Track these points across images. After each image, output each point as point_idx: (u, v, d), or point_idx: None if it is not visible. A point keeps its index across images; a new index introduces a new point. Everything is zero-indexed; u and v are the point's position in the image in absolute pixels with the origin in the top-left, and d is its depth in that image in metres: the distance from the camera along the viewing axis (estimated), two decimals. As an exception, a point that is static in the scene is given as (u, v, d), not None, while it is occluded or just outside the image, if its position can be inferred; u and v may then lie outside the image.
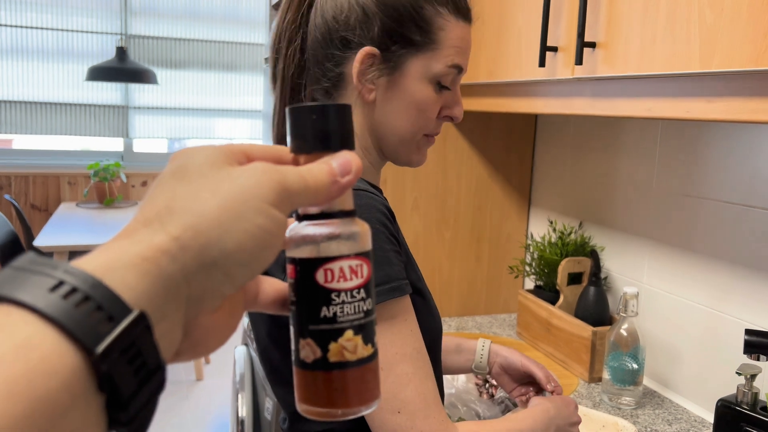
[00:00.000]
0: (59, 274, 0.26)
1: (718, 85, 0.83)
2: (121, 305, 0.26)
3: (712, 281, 1.25)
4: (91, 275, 0.26)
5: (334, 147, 0.36)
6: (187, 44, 4.34)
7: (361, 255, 0.36)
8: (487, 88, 1.43)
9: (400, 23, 0.80)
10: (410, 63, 0.81)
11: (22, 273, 0.26)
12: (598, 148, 1.56)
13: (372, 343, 0.37)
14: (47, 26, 4.03)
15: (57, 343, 0.24)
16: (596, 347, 1.35)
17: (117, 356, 0.26)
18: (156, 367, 0.28)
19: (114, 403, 0.26)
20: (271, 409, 1.55)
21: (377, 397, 0.38)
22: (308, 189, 0.33)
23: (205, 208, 0.30)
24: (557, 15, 1.12)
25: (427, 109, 0.83)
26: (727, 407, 1.02)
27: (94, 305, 0.26)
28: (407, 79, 0.82)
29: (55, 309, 0.25)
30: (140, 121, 4.31)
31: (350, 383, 0.36)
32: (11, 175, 4.01)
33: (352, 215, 0.37)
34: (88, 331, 0.25)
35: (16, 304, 0.25)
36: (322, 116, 0.36)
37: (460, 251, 1.75)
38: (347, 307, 0.36)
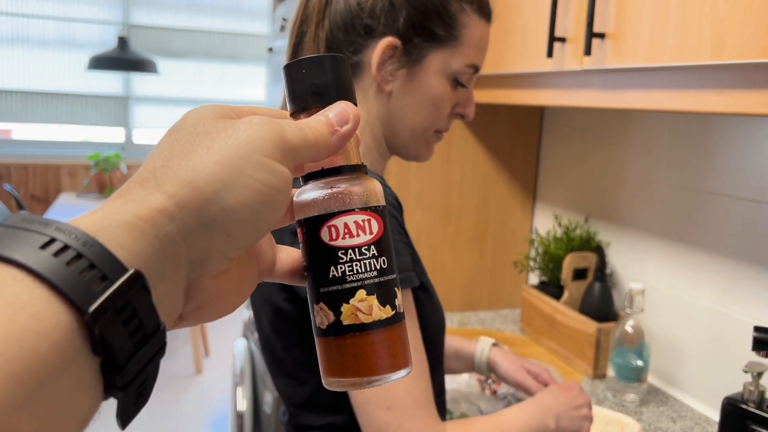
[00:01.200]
0: (51, 232, 0.25)
1: (729, 77, 0.81)
2: (115, 264, 0.25)
3: (719, 278, 1.23)
4: (84, 232, 0.25)
5: (331, 99, 0.35)
6: (189, 34, 4.31)
7: (367, 209, 0.34)
8: (493, 79, 1.41)
9: (425, 16, 0.79)
10: (431, 57, 0.80)
11: (13, 231, 0.25)
12: (604, 142, 1.54)
13: (392, 305, 0.35)
14: (48, 15, 4.00)
15: (47, 302, 0.23)
16: (601, 343, 1.33)
17: (111, 317, 0.24)
18: (154, 329, 0.26)
19: (109, 366, 0.25)
20: (271, 402, 1.54)
21: (405, 365, 0.35)
22: (308, 142, 0.32)
23: (202, 164, 0.29)
24: (565, 4, 1.10)
25: (442, 105, 0.83)
26: (733, 405, 1.01)
27: (87, 263, 0.24)
28: (426, 74, 0.81)
29: (46, 266, 0.24)
30: (141, 112, 4.29)
31: (369, 348, 0.34)
32: (11, 165, 4.00)
33: (359, 170, 0.35)
34: (79, 290, 0.24)
35: (5, 262, 0.24)
36: (315, 69, 0.35)
37: (463, 246, 1.73)
38: (356, 265, 0.34)
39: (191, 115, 0.31)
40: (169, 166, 0.29)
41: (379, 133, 0.85)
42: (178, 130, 0.31)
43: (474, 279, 1.76)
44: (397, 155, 0.89)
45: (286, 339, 0.80)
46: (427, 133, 0.85)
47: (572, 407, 0.89)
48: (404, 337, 0.35)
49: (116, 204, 0.28)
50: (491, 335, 1.55)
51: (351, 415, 0.79)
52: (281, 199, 0.31)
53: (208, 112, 0.31)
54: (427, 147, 0.87)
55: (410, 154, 0.87)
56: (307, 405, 0.81)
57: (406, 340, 0.36)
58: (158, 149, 0.30)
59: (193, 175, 0.28)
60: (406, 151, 0.87)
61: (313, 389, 0.80)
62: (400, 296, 0.36)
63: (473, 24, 0.82)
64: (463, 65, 0.82)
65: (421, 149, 0.87)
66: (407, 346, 0.35)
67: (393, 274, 0.35)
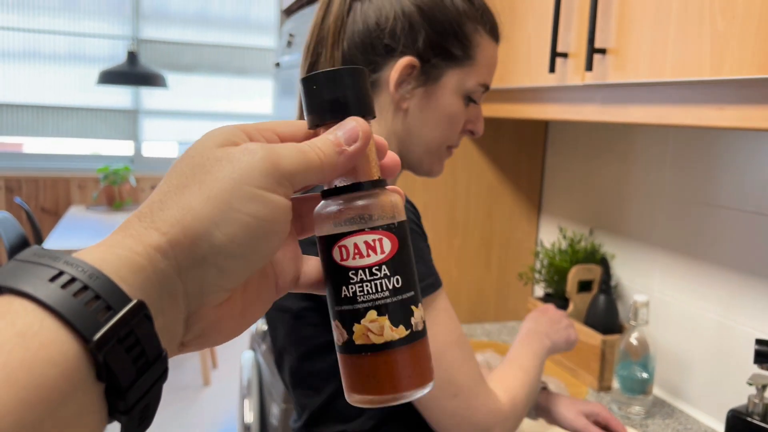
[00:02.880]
0: (59, 265, 0.26)
1: (729, 92, 0.82)
2: (119, 295, 0.26)
3: (723, 290, 1.23)
4: (90, 265, 0.27)
5: (349, 114, 0.34)
6: (197, 48, 4.36)
7: (378, 228, 0.33)
8: (497, 93, 1.42)
9: (443, 37, 0.81)
10: (447, 76, 0.83)
11: (25, 265, 0.27)
12: (608, 155, 1.55)
13: (406, 324, 0.34)
14: (59, 30, 4.06)
15: (56, 331, 0.25)
16: (606, 356, 1.33)
17: (114, 345, 0.26)
18: (156, 356, 0.28)
19: (113, 391, 0.26)
20: (278, 414, 1.55)
21: (423, 384, 0.34)
22: (310, 164, 0.31)
23: (193, 201, 0.29)
24: (567, 21, 1.12)
25: (457, 122, 0.86)
26: (738, 418, 1.01)
27: (92, 294, 0.26)
28: (443, 92, 0.84)
29: (54, 298, 0.25)
30: (150, 125, 4.33)
31: (382, 368, 0.33)
32: (22, 179, 4.04)
33: (376, 186, 0.35)
34: (85, 320, 0.25)
35: (18, 294, 0.25)
36: (333, 82, 0.34)
37: (469, 258, 1.74)
38: (366, 285, 0.33)
39: (198, 143, 0.31)
40: (165, 202, 0.30)
41: (394, 149, 0.87)
42: (181, 161, 0.31)
43: (480, 291, 1.77)
44: (409, 170, 0.90)
45: (304, 348, 0.82)
46: (441, 149, 0.88)
47: (554, 323, 1.00)
48: (422, 355, 0.35)
49: (117, 238, 0.29)
50: (497, 347, 1.56)
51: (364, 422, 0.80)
52: (276, 228, 0.30)
53: (215, 138, 0.31)
54: (439, 162, 0.90)
55: (423, 170, 0.90)
56: (321, 413, 0.82)
57: (424, 358, 0.35)
58: (163, 181, 0.31)
59: (183, 213, 0.29)
60: (420, 166, 0.89)
61: (328, 398, 0.81)
62: (420, 313, 0.35)
63: (485, 44, 0.85)
64: (477, 83, 0.85)
65: (434, 165, 0.89)
66: (426, 363, 0.35)
67: (409, 291, 0.34)
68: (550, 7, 1.14)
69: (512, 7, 1.30)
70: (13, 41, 3.98)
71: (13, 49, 3.99)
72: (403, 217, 0.35)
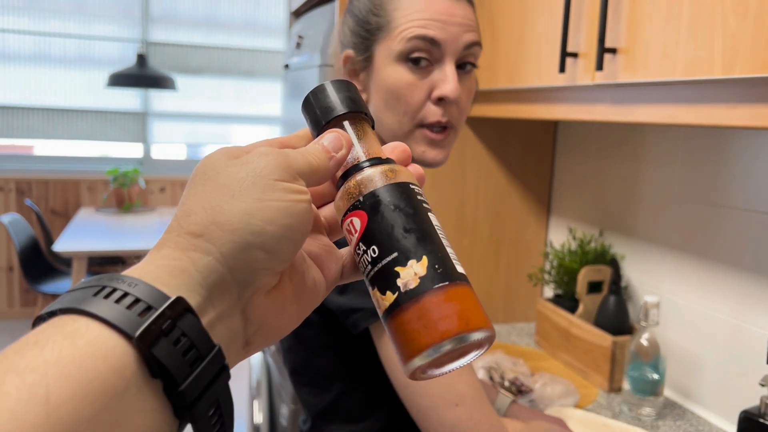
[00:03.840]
0: (103, 282, 0.29)
1: (741, 91, 0.82)
2: (159, 295, 0.28)
3: (735, 290, 1.22)
4: (129, 277, 0.29)
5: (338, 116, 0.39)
6: (206, 51, 4.38)
7: (346, 213, 0.37)
8: (507, 94, 1.42)
9: (361, 17, 0.83)
10: (376, 51, 0.82)
11: (73, 292, 0.29)
12: (618, 155, 1.55)
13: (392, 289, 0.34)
14: (69, 34, 4.09)
15: (102, 332, 0.26)
16: (616, 357, 1.33)
17: (159, 338, 0.27)
18: (208, 350, 0.28)
19: (171, 388, 0.27)
20: (287, 415, 1.55)
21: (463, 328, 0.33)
22: (312, 167, 0.35)
23: (218, 202, 0.31)
24: (577, 21, 1.11)
25: (403, 92, 0.80)
26: (750, 419, 1.00)
27: (133, 299, 0.28)
28: (378, 68, 0.82)
29: (97, 307, 0.27)
30: (159, 127, 4.35)
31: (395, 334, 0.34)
32: (32, 181, 4.07)
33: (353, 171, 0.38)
34: (128, 321, 0.27)
35: (66, 311, 0.27)
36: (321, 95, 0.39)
37: (478, 259, 1.74)
38: (361, 265, 0.36)
39: (203, 163, 0.34)
40: (189, 211, 0.32)
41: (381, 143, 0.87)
42: (192, 179, 0.34)
43: (489, 292, 1.77)
44: None
45: (309, 347, 0.82)
46: (404, 127, 0.82)
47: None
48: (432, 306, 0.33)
49: (153, 254, 0.31)
50: (507, 348, 1.55)
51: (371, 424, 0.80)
52: (304, 207, 0.33)
53: (220, 155, 0.34)
54: (418, 145, 0.83)
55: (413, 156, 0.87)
56: (328, 413, 0.82)
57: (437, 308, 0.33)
58: (182, 201, 0.33)
59: (212, 214, 0.31)
60: None
61: (335, 398, 0.81)
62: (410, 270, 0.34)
63: (406, 3, 0.80)
64: (404, 42, 0.79)
65: (414, 148, 0.83)
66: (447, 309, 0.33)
67: (390, 254, 0.34)
68: (560, 7, 1.14)
69: (522, 7, 1.30)
70: (24, 44, 4.02)
71: (24, 52, 4.02)
72: (370, 189, 0.36)
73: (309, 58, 1.76)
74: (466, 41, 0.81)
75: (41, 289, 3.13)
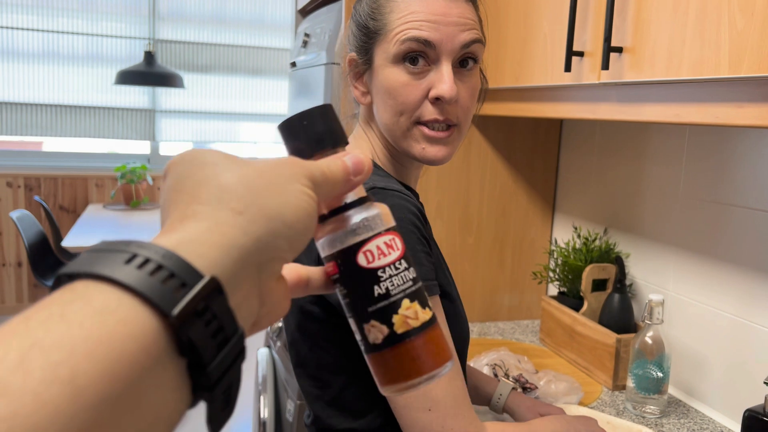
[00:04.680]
0: (133, 249, 0.27)
1: (748, 90, 0.82)
2: (192, 272, 0.27)
3: (739, 289, 1.23)
4: (162, 248, 0.28)
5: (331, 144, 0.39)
6: (214, 49, 4.39)
7: (390, 230, 0.39)
8: (513, 92, 1.42)
9: (363, 22, 0.86)
10: (375, 54, 0.85)
11: (98, 253, 0.27)
12: (623, 154, 1.55)
13: (429, 307, 0.39)
14: (77, 31, 4.11)
15: (134, 308, 0.25)
16: (620, 354, 1.33)
17: (193, 319, 0.26)
18: (233, 331, 0.28)
19: (196, 367, 0.27)
20: (293, 410, 1.56)
21: (450, 357, 0.39)
22: (328, 181, 0.35)
23: (260, 188, 0.32)
24: (583, 20, 1.12)
25: (399, 92, 0.82)
26: (755, 418, 1.00)
27: (167, 273, 0.27)
28: (378, 70, 0.84)
29: (130, 278, 0.26)
30: (167, 125, 4.37)
31: (422, 348, 0.38)
32: (41, 177, 4.10)
33: (368, 200, 0.39)
34: (163, 297, 0.26)
35: (94, 278, 0.26)
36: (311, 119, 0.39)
37: (483, 256, 1.74)
38: (396, 279, 0.38)
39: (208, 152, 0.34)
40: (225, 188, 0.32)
41: (384, 144, 0.89)
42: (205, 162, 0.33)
43: (494, 290, 1.77)
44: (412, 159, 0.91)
45: (312, 341, 0.82)
46: (402, 126, 0.83)
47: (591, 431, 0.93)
48: (443, 334, 0.40)
49: (186, 224, 0.30)
50: (511, 346, 1.56)
51: (373, 419, 0.81)
52: (315, 215, 0.34)
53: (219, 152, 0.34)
54: (417, 143, 0.84)
55: (411, 154, 0.86)
56: (331, 407, 0.83)
57: (444, 336, 0.39)
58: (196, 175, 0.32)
59: (255, 197, 0.32)
60: (405, 152, 0.86)
61: (337, 392, 0.82)
62: None
63: (399, 5, 0.82)
64: (398, 44, 0.81)
65: (411, 147, 0.84)
66: (446, 341, 0.39)
67: (420, 282, 0.40)
68: (566, 6, 1.14)
69: (528, 6, 1.30)
70: (33, 42, 4.04)
71: (33, 49, 4.05)
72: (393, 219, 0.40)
73: (316, 57, 1.77)
74: (463, 40, 0.82)
75: (50, 284, 3.15)
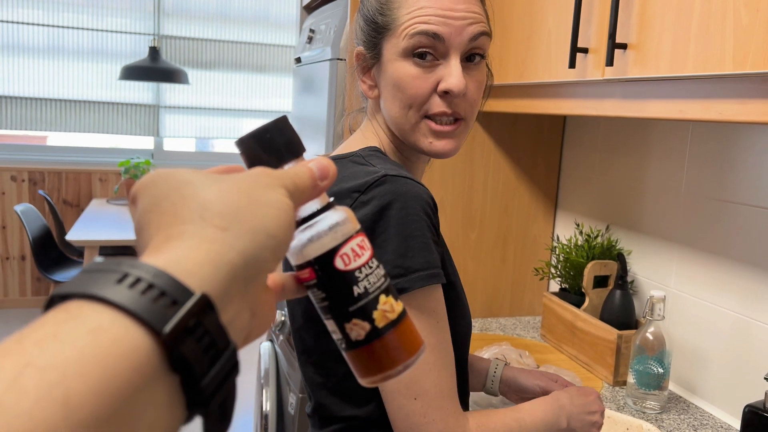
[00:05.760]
0: (124, 268, 0.28)
1: (752, 86, 0.83)
2: (183, 290, 0.28)
3: (741, 286, 1.23)
4: (153, 266, 0.28)
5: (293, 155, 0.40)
6: (218, 45, 4.40)
7: (358, 232, 0.41)
8: (516, 89, 1.43)
9: (371, 16, 0.86)
10: (384, 48, 0.85)
11: (90, 273, 0.28)
12: (626, 151, 1.56)
13: (398, 299, 0.42)
14: (83, 26, 4.12)
15: (126, 327, 0.26)
16: (621, 350, 1.34)
17: (184, 335, 0.27)
18: (225, 346, 0.29)
19: (189, 383, 0.27)
20: (295, 404, 1.57)
21: (422, 344, 0.42)
22: (299, 188, 0.36)
23: (241, 202, 0.33)
24: (588, 16, 1.12)
25: (408, 85, 0.82)
26: (755, 413, 1.01)
27: (158, 291, 0.27)
28: (386, 63, 0.85)
29: (122, 297, 0.26)
30: (171, 120, 4.38)
31: (400, 338, 0.40)
32: (45, 171, 4.11)
33: (333, 205, 0.41)
34: (154, 315, 0.26)
35: (87, 298, 0.27)
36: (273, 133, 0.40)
37: (485, 252, 1.75)
38: (371, 277, 0.40)
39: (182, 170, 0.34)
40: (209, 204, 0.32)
41: (391, 138, 0.89)
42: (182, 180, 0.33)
43: (495, 285, 1.78)
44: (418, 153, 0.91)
45: (318, 329, 0.83)
46: (410, 120, 0.84)
47: (586, 411, 0.90)
48: (413, 323, 0.42)
49: (173, 243, 0.31)
50: (512, 341, 1.57)
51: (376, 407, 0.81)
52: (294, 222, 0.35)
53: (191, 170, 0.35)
54: (424, 137, 0.85)
55: (418, 147, 0.86)
56: (334, 395, 0.84)
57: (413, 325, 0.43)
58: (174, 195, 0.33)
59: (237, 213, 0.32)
60: (413, 146, 0.87)
61: (341, 379, 0.82)
62: None
63: (410, 1, 0.83)
64: (408, 38, 0.81)
65: (419, 140, 0.85)
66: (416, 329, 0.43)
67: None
68: (571, 2, 1.15)
69: (532, 2, 1.31)
70: (38, 37, 4.05)
71: (38, 44, 4.06)
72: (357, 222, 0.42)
73: (321, 52, 1.77)
74: (471, 33, 0.82)
75: (53, 277, 3.17)
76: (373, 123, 0.91)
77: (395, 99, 0.84)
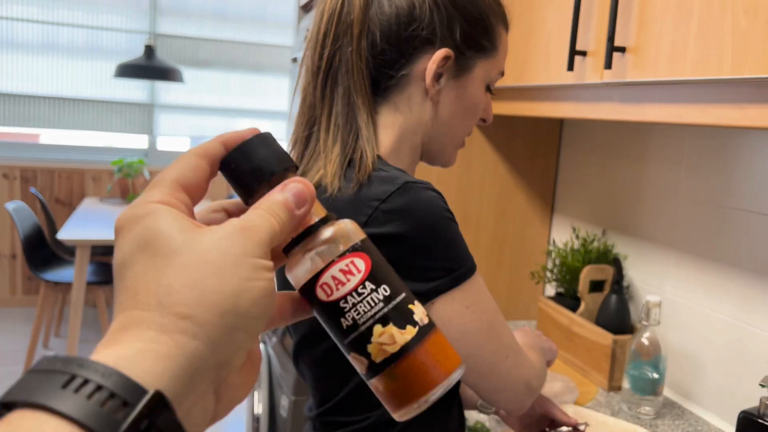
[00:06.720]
0: (72, 369, 0.26)
1: (750, 91, 0.82)
2: (135, 389, 0.26)
3: (737, 292, 1.23)
4: (103, 365, 0.26)
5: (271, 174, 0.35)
6: (214, 44, 4.39)
7: (344, 253, 0.35)
8: (514, 91, 1.42)
9: (476, 29, 0.84)
10: (478, 67, 0.86)
11: (37, 375, 0.26)
12: (623, 155, 1.55)
13: (412, 323, 0.36)
14: (77, 24, 4.10)
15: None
16: (617, 355, 1.33)
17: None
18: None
19: None
20: (287, 406, 1.56)
21: (454, 367, 0.36)
22: (275, 231, 0.33)
23: (207, 282, 0.30)
24: (587, 19, 1.12)
25: (479, 111, 0.90)
26: (750, 420, 1.00)
27: (107, 394, 0.26)
28: (472, 82, 0.86)
29: (67, 405, 0.25)
30: (165, 119, 4.36)
31: (411, 371, 0.35)
32: (37, 169, 4.08)
33: (327, 220, 0.36)
34: (102, 421, 0.25)
35: (30, 406, 0.25)
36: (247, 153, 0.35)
37: (481, 256, 1.74)
38: (361, 306, 0.35)
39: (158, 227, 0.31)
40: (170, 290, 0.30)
41: (417, 140, 0.86)
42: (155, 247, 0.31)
43: (491, 289, 1.77)
44: (426, 161, 0.90)
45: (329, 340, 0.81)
46: (461, 138, 0.91)
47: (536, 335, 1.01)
48: (442, 343, 0.36)
49: (130, 334, 0.29)
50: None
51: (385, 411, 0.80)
52: (273, 285, 0.32)
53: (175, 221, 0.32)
54: (456, 152, 0.92)
55: (443, 160, 0.91)
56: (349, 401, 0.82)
57: (445, 345, 0.36)
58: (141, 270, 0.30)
59: (203, 295, 0.29)
60: (441, 156, 0.90)
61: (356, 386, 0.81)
62: (420, 309, 0.37)
63: (503, 35, 0.88)
64: (498, 73, 0.89)
65: (453, 155, 0.92)
66: (449, 349, 0.36)
67: (400, 294, 0.36)
68: (570, 6, 1.14)
69: (531, 5, 1.30)
70: (33, 33, 4.03)
71: (32, 41, 4.03)
72: (363, 235, 0.37)
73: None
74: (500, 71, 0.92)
75: (44, 276, 3.14)
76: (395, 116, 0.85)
77: (466, 118, 0.88)
